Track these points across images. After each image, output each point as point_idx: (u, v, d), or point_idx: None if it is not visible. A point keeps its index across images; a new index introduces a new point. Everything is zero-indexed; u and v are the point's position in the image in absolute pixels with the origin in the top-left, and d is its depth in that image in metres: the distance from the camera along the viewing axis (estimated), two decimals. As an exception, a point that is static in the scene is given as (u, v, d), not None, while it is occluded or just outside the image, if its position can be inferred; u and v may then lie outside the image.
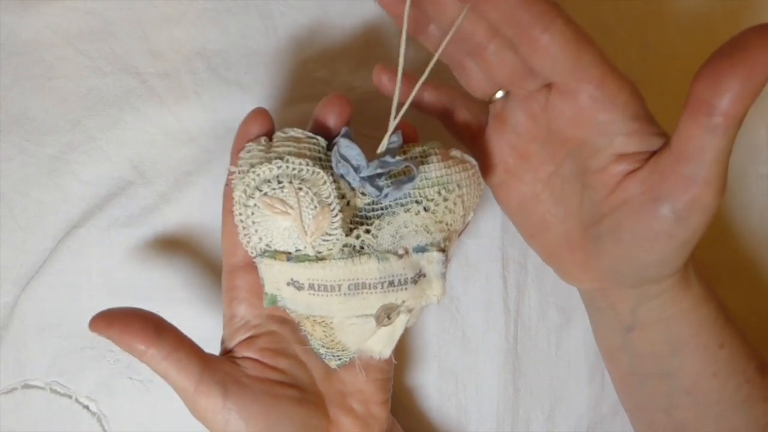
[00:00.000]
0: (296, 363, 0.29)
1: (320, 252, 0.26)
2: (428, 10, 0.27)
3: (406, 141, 0.28)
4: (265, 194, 0.25)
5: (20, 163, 0.35)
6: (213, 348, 0.29)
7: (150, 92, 0.36)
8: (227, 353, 0.29)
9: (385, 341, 0.28)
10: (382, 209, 0.27)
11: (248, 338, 0.29)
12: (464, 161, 0.28)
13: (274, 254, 0.26)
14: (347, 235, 0.26)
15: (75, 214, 0.35)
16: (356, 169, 0.26)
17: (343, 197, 0.26)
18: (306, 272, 0.26)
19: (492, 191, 0.32)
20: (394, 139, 0.27)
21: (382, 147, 0.27)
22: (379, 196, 0.27)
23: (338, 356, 0.29)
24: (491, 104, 0.30)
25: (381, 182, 0.27)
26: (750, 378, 0.31)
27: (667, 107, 0.28)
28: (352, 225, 0.27)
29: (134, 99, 0.35)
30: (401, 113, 0.26)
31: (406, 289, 0.27)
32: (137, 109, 0.35)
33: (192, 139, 0.36)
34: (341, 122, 0.28)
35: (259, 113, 0.27)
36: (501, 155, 0.30)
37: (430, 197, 0.27)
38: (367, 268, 0.26)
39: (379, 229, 0.27)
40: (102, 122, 0.35)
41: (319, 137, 0.27)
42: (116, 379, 0.35)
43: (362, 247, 0.26)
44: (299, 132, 0.27)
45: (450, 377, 0.37)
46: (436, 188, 0.27)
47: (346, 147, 0.26)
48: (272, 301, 0.28)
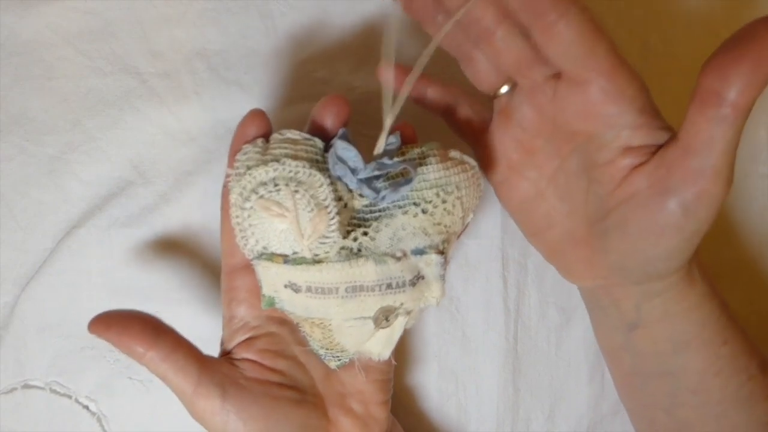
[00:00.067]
0: (295, 364, 0.29)
1: (317, 255, 0.26)
2: None
3: (405, 142, 0.28)
4: (262, 197, 0.25)
5: (20, 163, 0.35)
6: (213, 348, 0.29)
7: (150, 92, 0.36)
8: (226, 354, 0.29)
9: (384, 343, 0.28)
10: (380, 211, 0.27)
11: (247, 339, 0.29)
12: (463, 162, 0.28)
13: (271, 257, 0.26)
14: (344, 238, 0.26)
15: (75, 214, 0.35)
16: (353, 171, 0.26)
17: (340, 199, 0.26)
18: (303, 275, 0.26)
19: (494, 189, 0.32)
20: (393, 140, 0.27)
21: (378, 149, 0.27)
22: (377, 199, 0.26)
23: (338, 357, 0.29)
24: (496, 99, 0.30)
25: (378, 184, 0.26)
26: (752, 376, 0.31)
27: (668, 107, 0.27)
28: (350, 227, 0.26)
29: (134, 99, 0.35)
30: (394, 112, 0.26)
31: (405, 292, 0.27)
32: (137, 109, 0.35)
33: (192, 139, 0.36)
34: (339, 123, 0.27)
35: (256, 114, 0.27)
36: (504, 151, 0.30)
37: (429, 199, 0.27)
38: (365, 271, 0.26)
39: (377, 232, 0.26)
40: (102, 122, 0.35)
41: (317, 139, 0.27)
42: (116, 379, 0.35)
43: (360, 250, 0.26)
44: (296, 133, 0.27)
45: (450, 377, 0.37)
46: (435, 190, 0.27)
47: (343, 149, 0.26)
48: (270, 303, 0.27)
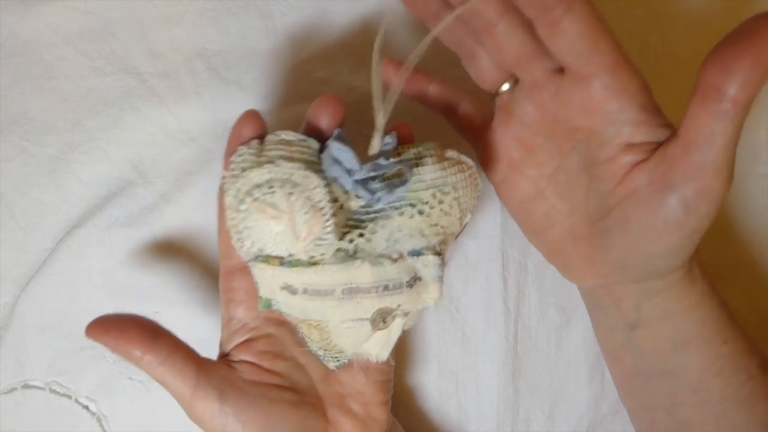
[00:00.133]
0: (294, 365, 0.29)
1: (313, 257, 0.26)
2: None
3: (402, 142, 0.28)
4: (256, 199, 0.25)
5: (20, 163, 0.35)
6: (213, 348, 0.29)
7: (150, 92, 0.36)
8: (225, 356, 0.29)
9: (382, 344, 0.28)
10: (376, 212, 0.27)
11: (246, 341, 0.29)
12: (461, 162, 0.28)
13: (267, 259, 0.26)
14: (341, 239, 0.26)
15: (75, 214, 0.35)
16: (349, 172, 0.26)
17: (336, 201, 0.26)
18: (299, 277, 0.26)
19: (495, 188, 0.32)
20: (389, 141, 0.27)
21: (373, 149, 0.27)
22: (372, 200, 0.26)
23: (336, 358, 0.29)
24: (498, 97, 0.30)
25: (374, 185, 0.26)
26: (752, 375, 0.31)
27: (668, 107, 0.27)
28: (346, 229, 0.26)
29: (134, 99, 0.35)
30: (387, 111, 0.26)
31: (402, 293, 0.27)
32: (137, 109, 0.35)
33: (192, 139, 0.36)
34: (334, 123, 0.27)
35: (251, 115, 0.27)
36: (505, 150, 0.30)
37: (425, 200, 0.26)
38: (361, 273, 0.26)
39: (373, 233, 0.26)
40: (102, 122, 0.35)
41: (312, 140, 0.27)
42: (116, 379, 0.35)
43: (356, 252, 0.26)
44: (291, 135, 0.27)
45: (450, 377, 0.37)
46: (431, 191, 0.26)
47: (338, 150, 0.26)
48: (267, 305, 0.27)
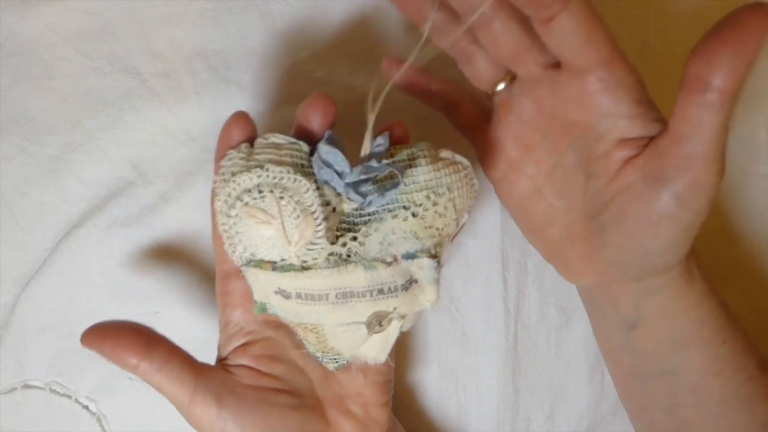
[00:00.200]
0: (292, 368, 0.29)
1: (305, 261, 0.25)
2: None
3: (396, 141, 0.27)
4: (246, 204, 0.25)
5: (20, 163, 0.35)
6: (213, 348, 0.29)
7: (150, 92, 0.36)
8: (222, 360, 0.29)
9: (379, 347, 0.28)
10: (370, 215, 0.26)
11: (243, 345, 0.29)
12: (455, 162, 0.27)
13: (260, 264, 0.26)
14: (333, 243, 0.25)
15: (75, 214, 0.35)
16: (340, 175, 0.26)
17: (328, 204, 0.26)
18: (292, 282, 0.26)
19: (494, 187, 0.32)
20: (381, 142, 0.27)
21: (365, 151, 0.26)
22: (364, 203, 0.26)
23: (335, 359, 0.29)
24: (495, 95, 0.30)
25: (366, 188, 0.26)
26: (751, 375, 0.31)
27: (667, 107, 0.27)
28: (339, 232, 0.26)
29: (134, 99, 0.35)
30: (376, 109, 0.26)
31: (397, 297, 0.26)
32: (137, 109, 0.35)
33: (192, 139, 0.36)
34: (325, 124, 0.27)
35: (240, 118, 0.27)
36: (504, 148, 0.30)
37: (419, 202, 0.26)
38: (354, 277, 0.25)
39: (366, 236, 0.26)
40: (102, 122, 0.35)
41: (302, 142, 0.26)
42: (116, 379, 0.35)
43: (349, 255, 0.26)
44: (281, 138, 0.26)
45: (450, 377, 0.37)
46: (425, 193, 0.26)
47: (328, 153, 0.26)
48: (262, 309, 0.27)
